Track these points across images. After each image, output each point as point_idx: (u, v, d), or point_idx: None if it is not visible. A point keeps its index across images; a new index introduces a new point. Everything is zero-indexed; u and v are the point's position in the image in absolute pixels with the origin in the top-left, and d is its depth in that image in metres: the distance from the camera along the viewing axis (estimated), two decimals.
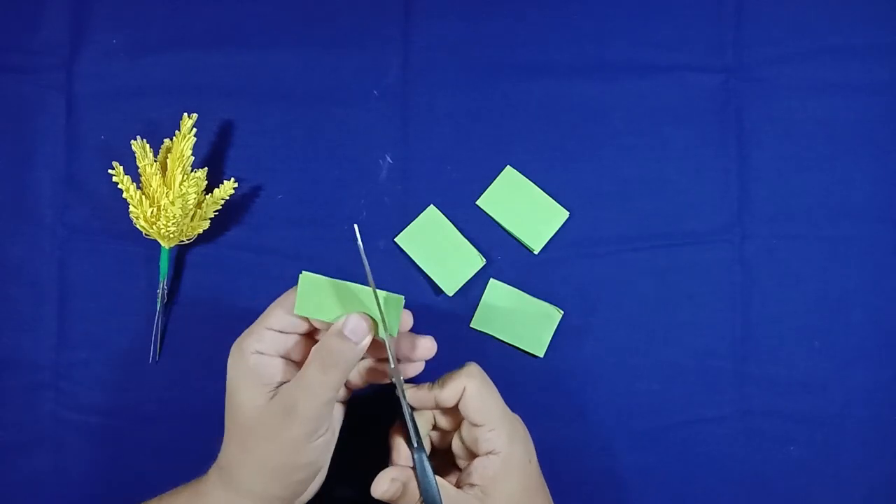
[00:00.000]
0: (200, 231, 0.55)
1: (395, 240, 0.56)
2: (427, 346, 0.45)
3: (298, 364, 0.45)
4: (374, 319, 0.43)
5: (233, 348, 0.44)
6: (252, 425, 0.42)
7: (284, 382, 0.43)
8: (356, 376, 0.47)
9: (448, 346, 0.54)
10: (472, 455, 0.45)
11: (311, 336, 0.46)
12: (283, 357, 0.45)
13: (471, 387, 0.44)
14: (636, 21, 0.58)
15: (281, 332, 0.44)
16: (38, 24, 0.58)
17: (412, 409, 0.45)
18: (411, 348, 0.45)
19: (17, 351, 0.56)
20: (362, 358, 0.44)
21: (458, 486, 0.44)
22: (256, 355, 0.43)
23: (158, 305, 0.54)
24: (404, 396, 0.44)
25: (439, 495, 0.42)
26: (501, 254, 0.56)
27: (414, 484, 0.43)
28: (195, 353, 0.55)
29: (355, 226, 0.43)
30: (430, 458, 0.44)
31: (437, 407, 0.45)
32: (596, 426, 0.55)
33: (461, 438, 0.46)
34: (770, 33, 0.58)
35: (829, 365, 0.55)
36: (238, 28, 0.58)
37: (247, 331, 0.44)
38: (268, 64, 0.57)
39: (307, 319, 0.44)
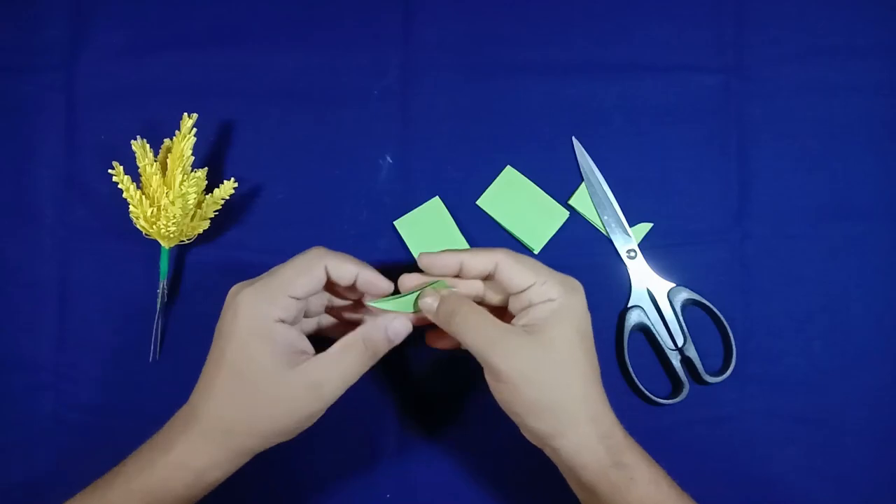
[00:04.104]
0: (200, 231, 0.54)
1: (395, 223, 0.55)
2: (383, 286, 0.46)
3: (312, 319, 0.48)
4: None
5: (245, 303, 0.42)
6: (265, 387, 0.42)
7: (303, 350, 0.43)
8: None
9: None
10: None
11: (329, 286, 0.46)
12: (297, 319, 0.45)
13: (505, 257, 0.43)
14: (636, 21, 0.58)
15: (301, 298, 0.44)
16: (38, 24, 0.58)
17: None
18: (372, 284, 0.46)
19: (17, 351, 0.56)
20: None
21: None
22: (279, 324, 0.42)
23: (158, 305, 0.54)
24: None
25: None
26: None
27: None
28: (195, 353, 0.55)
29: None
30: None
31: (460, 274, 0.45)
32: None
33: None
34: (770, 33, 0.58)
35: (829, 365, 0.55)
36: (238, 28, 0.58)
37: (265, 292, 0.42)
38: (268, 64, 0.57)
39: (329, 280, 0.45)
